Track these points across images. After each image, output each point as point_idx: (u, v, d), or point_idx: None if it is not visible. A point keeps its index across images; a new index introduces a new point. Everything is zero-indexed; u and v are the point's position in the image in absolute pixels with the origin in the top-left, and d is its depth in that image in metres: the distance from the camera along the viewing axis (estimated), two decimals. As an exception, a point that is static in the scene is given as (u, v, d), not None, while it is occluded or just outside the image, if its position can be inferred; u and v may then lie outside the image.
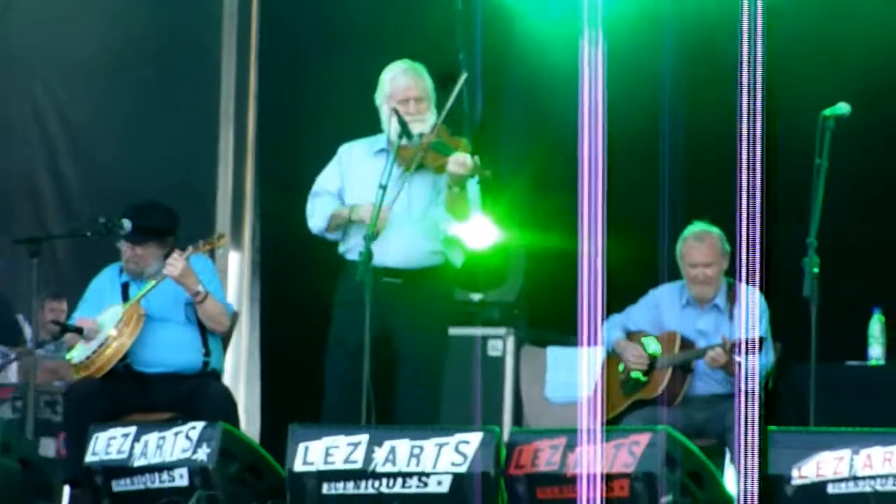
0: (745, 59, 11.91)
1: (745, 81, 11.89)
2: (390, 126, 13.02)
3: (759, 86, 11.95)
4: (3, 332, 17.61)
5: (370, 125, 13.30)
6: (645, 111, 15.13)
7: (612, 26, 14.59)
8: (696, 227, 13.76)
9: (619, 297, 13.70)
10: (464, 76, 13.34)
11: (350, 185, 13.24)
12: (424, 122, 12.99)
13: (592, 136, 12.97)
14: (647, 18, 15.93)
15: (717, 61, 13.62)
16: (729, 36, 13.14)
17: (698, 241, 13.63)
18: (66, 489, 13.40)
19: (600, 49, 13.38)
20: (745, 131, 11.66)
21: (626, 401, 13.59)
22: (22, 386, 17.07)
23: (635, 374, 13.65)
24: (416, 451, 11.75)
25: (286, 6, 17.92)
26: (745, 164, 11.68)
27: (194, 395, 13.40)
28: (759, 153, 11.51)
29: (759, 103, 11.83)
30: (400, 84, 13.10)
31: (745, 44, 11.99)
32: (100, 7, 18.85)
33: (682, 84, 15.31)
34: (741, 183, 11.74)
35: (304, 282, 15.45)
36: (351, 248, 12.99)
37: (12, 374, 17.45)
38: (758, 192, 11.64)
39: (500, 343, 14.90)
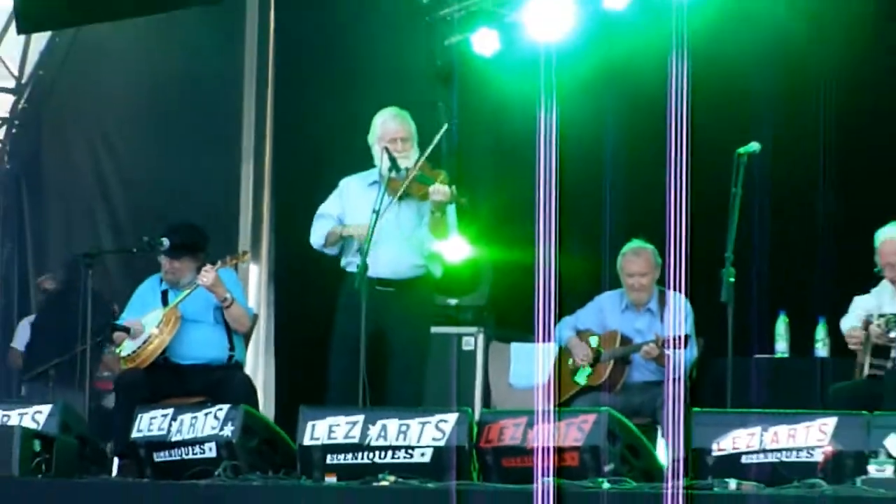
0: (673, 108, 12.22)
1: (673, 125, 12.11)
2: (381, 162, 13.23)
3: (684, 129, 12.14)
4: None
5: (365, 161, 13.49)
6: (592, 151, 15.34)
7: (565, 79, 14.88)
8: (634, 244, 14.01)
9: (570, 302, 14.01)
10: (445, 128, 13.50)
11: (349, 211, 13.42)
12: (409, 159, 13.18)
13: (547, 171, 13.19)
14: (595, 75, 15.99)
15: (652, 109, 13.62)
16: (660, 89, 13.18)
17: (635, 256, 13.91)
18: (116, 460, 13.51)
19: (554, 100, 13.65)
20: (673, 166, 11.84)
21: (575, 388, 13.89)
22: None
23: (583, 366, 13.93)
24: (404, 428, 11.93)
25: (297, 60, 17.65)
26: (673, 192, 11.82)
27: (221, 383, 13.69)
28: (684, 184, 11.61)
29: (684, 143, 12.02)
30: (389, 127, 13.31)
31: (674, 96, 12.36)
32: (143, 58, 19.10)
33: (623, 129, 15.61)
34: (670, 207, 11.92)
35: (312, 290, 15.33)
36: (350, 261, 13.19)
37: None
38: (684, 215, 11.79)
39: (473, 340, 14.96)
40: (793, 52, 15.65)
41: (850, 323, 13.10)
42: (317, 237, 13.55)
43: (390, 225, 13.13)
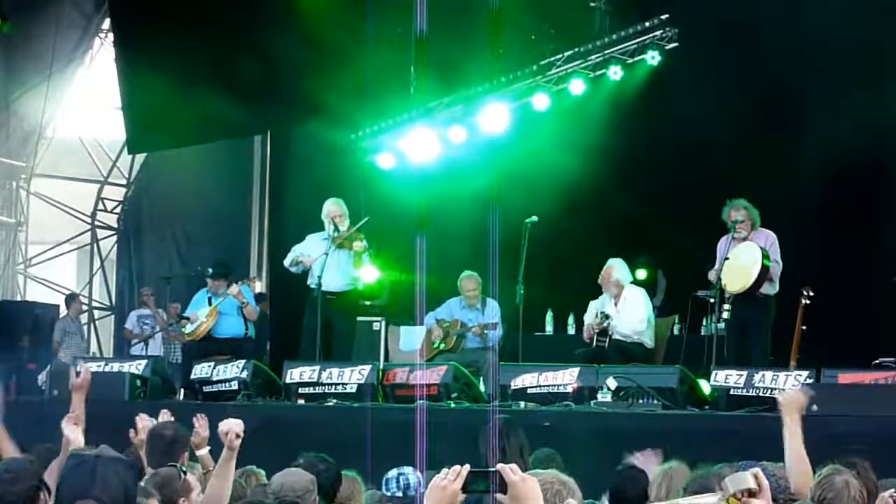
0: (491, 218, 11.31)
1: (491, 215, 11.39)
2: (329, 227, 13.15)
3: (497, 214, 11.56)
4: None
5: (319, 227, 13.33)
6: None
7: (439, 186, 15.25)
8: (467, 273, 13.64)
9: (434, 303, 13.81)
10: (366, 218, 13.40)
11: (309, 251, 13.18)
12: (343, 226, 13.09)
13: (420, 238, 13.21)
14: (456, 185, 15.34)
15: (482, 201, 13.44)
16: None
17: (469, 279, 13.65)
18: (181, 391, 13.35)
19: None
20: (491, 230, 11.15)
21: (435, 351, 13.69)
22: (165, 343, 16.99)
23: (438, 339, 13.76)
24: (340, 373, 12.01)
25: (282, 176, 17.24)
26: (491, 245, 11.11)
27: (240, 348, 13.57)
28: (497, 241, 11.04)
29: (497, 218, 11.37)
30: (332, 209, 13.19)
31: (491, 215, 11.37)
32: (193, 171, 18.65)
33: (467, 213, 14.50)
34: (490, 253, 11.31)
35: (290, 297, 14.68)
36: (312, 281, 12.97)
37: (158, 339, 17.06)
38: (497, 258, 11.31)
39: (379, 324, 14.18)
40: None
41: (589, 319, 12.90)
42: (287, 261, 13.35)
43: (332, 261, 12.98)
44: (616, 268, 12.87)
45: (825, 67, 13.63)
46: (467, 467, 4.16)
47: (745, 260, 11.78)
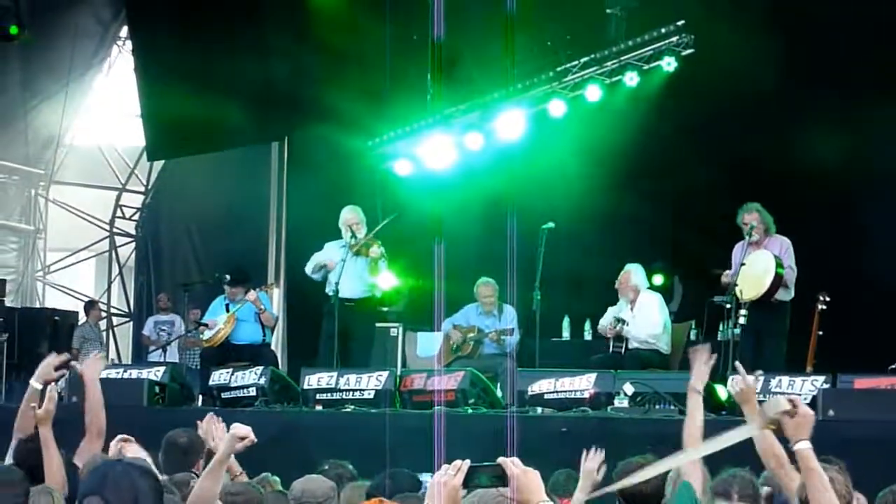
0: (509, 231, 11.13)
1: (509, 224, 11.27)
2: (346, 234, 13.16)
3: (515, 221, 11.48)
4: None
5: (337, 235, 13.30)
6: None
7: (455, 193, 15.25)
8: (484, 279, 13.60)
9: (452, 309, 13.70)
10: (394, 215, 13.48)
11: (326, 258, 13.18)
12: (360, 233, 13.08)
13: (438, 245, 12.98)
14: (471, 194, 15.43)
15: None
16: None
17: (486, 285, 13.60)
18: (200, 397, 13.34)
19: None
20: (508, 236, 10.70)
21: (452, 357, 13.61)
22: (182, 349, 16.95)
23: (456, 345, 13.67)
24: (358, 379, 11.95)
25: (302, 180, 17.12)
26: (508, 252, 10.33)
27: (258, 354, 13.46)
28: (514, 247, 10.63)
29: (514, 224, 11.36)
30: (349, 216, 13.19)
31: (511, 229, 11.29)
32: (210, 178, 18.73)
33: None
34: (508, 259, 10.81)
35: (307, 304, 14.70)
36: (330, 288, 12.96)
37: (175, 346, 17.01)
38: (514, 264, 11.17)
39: (397, 330, 14.65)
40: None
41: (604, 321, 12.87)
42: (307, 268, 13.33)
43: (349, 268, 12.98)
44: (633, 273, 12.84)
45: (845, 71, 13.75)
46: (468, 462, 4.18)
47: (758, 268, 11.82)
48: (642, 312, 12.69)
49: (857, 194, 13.95)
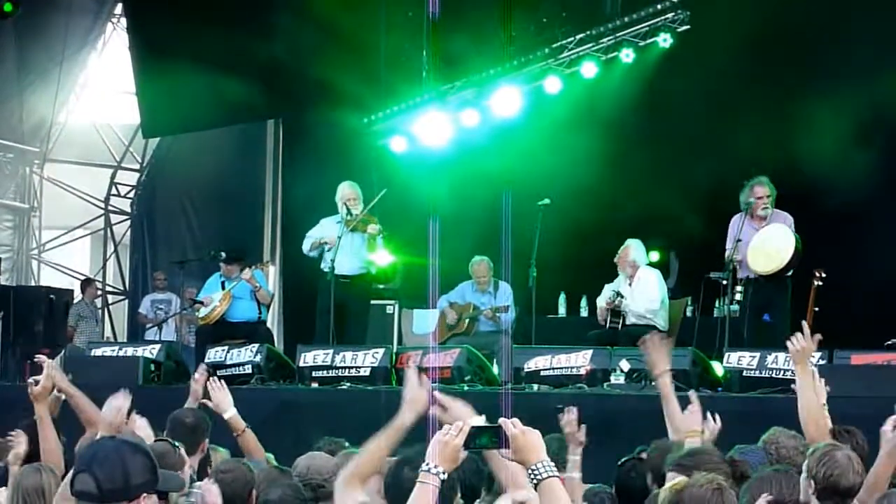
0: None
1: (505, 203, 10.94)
2: (342, 210, 13.06)
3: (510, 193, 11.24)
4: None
5: (333, 210, 13.24)
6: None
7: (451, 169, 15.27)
8: (478, 258, 13.71)
9: (448, 287, 13.80)
10: (383, 191, 13.30)
11: (324, 234, 13.09)
12: (357, 209, 12.98)
13: (433, 220, 13.24)
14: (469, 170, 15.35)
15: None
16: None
17: (479, 263, 13.69)
18: (195, 375, 13.42)
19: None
20: (504, 213, 10.70)
21: (448, 334, 13.68)
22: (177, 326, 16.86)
23: (451, 322, 13.74)
24: (354, 356, 11.95)
25: (295, 158, 17.35)
26: (503, 229, 10.80)
27: (254, 332, 13.39)
28: (509, 224, 10.70)
29: (510, 201, 10.99)
30: (346, 192, 13.11)
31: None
32: (208, 156, 18.61)
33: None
34: (503, 236, 11.14)
35: (303, 282, 14.65)
36: (325, 265, 12.93)
37: (172, 323, 16.96)
38: (509, 241, 11.36)
39: (392, 307, 14.67)
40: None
41: (601, 299, 12.84)
42: (304, 246, 13.28)
43: (346, 244, 12.92)
44: (633, 248, 12.83)
45: (846, 48, 13.74)
46: (469, 423, 4.22)
47: (777, 243, 11.76)
48: (640, 287, 12.67)
49: (857, 169, 13.86)
